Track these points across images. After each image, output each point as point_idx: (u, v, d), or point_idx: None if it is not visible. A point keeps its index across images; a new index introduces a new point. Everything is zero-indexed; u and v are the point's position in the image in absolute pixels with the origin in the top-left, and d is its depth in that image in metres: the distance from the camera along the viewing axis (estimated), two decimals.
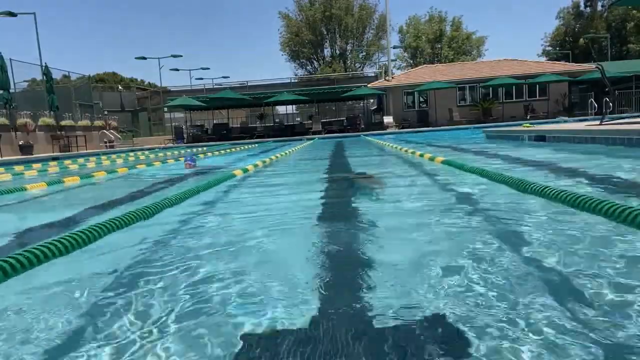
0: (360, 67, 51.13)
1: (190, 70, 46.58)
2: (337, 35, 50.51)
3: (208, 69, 54.28)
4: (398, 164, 7.70)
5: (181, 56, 41.15)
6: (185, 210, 3.69)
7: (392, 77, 29.13)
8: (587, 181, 4.29)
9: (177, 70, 44.59)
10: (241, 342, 1.36)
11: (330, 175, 6.38)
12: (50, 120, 20.86)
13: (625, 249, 2.04)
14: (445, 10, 52.07)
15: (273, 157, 9.65)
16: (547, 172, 5.05)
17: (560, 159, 6.69)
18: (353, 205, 3.79)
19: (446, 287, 1.69)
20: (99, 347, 1.39)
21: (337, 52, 51.21)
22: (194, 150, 17.62)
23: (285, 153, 11.08)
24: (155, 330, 1.47)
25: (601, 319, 1.38)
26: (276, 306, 1.60)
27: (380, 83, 28.32)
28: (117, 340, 1.41)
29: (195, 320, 1.52)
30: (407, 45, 51.16)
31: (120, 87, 40.81)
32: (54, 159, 15.68)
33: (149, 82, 55.06)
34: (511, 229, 2.59)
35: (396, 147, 10.58)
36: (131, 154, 17.61)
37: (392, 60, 39.89)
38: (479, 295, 1.60)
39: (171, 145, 25.07)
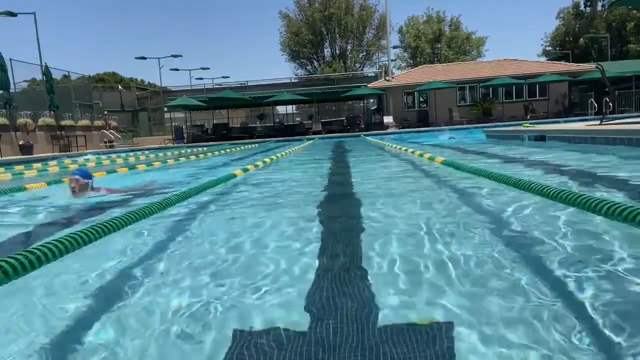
0: (360, 67, 51.09)
1: (190, 70, 46.33)
2: (337, 35, 50.46)
3: (208, 69, 54.15)
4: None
5: (181, 56, 41.21)
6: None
7: (392, 77, 29.10)
8: (587, 180, 4.29)
9: (177, 70, 44.63)
10: None
11: None
12: (50, 120, 20.85)
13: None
14: (443, 10, 52.06)
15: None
16: (547, 172, 5.05)
17: (559, 158, 6.69)
18: None
19: None
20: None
21: (337, 52, 51.16)
22: (194, 149, 17.58)
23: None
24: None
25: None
26: None
27: (380, 83, 28.29)
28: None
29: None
30: (407, 45, 51.11)
31: (120, 87, 40.74)
32: (54, 158, 15.67)
33: (149, 82, 55.09)
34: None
35: (395, 147, 10.57)
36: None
37: (392, 60, 39.89)
38: None
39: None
